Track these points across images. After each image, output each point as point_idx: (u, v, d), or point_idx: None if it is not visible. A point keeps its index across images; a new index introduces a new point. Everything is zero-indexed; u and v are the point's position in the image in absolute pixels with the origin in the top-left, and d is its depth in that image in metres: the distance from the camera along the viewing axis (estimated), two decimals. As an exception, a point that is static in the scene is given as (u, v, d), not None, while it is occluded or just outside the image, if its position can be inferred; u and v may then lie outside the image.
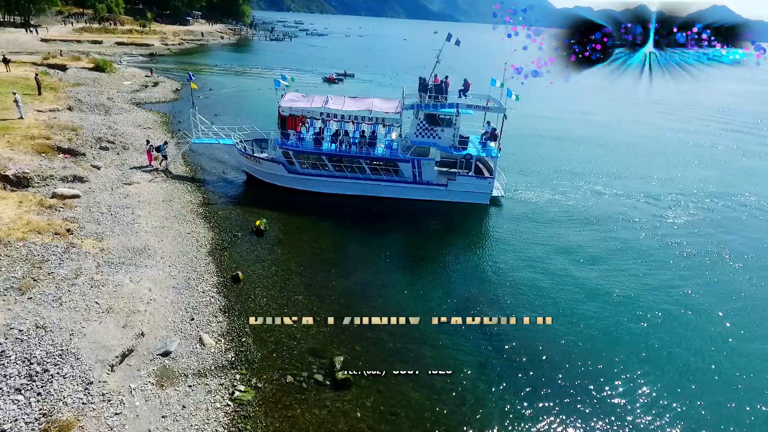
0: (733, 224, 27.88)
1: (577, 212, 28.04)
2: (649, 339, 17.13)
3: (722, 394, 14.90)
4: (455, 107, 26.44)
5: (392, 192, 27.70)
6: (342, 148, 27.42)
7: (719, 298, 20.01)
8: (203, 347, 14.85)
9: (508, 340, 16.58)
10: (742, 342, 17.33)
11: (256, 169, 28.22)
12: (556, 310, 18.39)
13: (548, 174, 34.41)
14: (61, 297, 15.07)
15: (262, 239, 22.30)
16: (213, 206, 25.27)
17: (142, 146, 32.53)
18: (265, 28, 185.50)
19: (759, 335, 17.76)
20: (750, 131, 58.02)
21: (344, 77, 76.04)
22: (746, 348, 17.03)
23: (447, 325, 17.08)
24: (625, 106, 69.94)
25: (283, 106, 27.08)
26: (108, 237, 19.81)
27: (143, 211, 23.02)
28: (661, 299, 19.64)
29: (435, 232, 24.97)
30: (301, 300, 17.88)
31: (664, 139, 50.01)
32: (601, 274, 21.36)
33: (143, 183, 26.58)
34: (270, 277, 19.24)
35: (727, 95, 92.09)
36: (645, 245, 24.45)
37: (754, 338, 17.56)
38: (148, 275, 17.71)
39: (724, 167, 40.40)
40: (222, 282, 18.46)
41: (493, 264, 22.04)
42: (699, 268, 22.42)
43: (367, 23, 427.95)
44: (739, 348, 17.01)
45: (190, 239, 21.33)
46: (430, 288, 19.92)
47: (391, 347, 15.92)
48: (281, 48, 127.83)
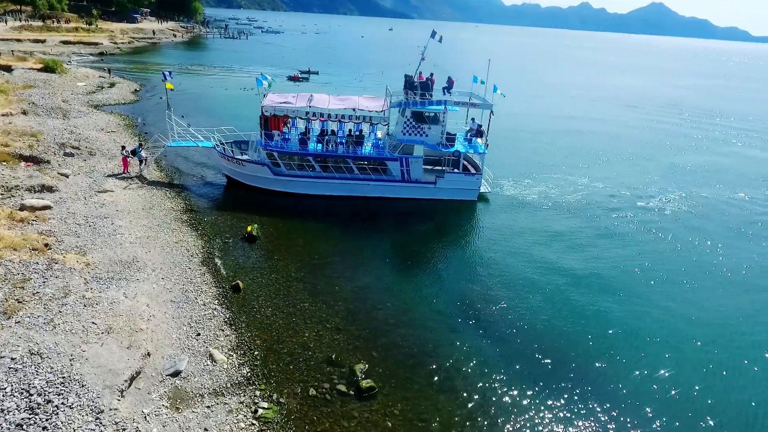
0: (708, 209, 29.19)
1: (560, 203, 28.84)
2: (643, 325, 17.56)
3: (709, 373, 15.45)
4: (443, 104, 26.30)
5: (381, 191, 27.30)
6: (329, 148, 26.76)
7: (694, 276, 21.07)
8: (215, 364, 14.00)
9: (515, 333, 16.61)
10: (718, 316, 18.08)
11: (238, 172, 27.12)
12: (555, 300, 18.74)
13: (525, 168, 34.96)
14: (53, 319, 13.82)
15: (255, 245, 21.41)
16: (197, 213, 24.08)
17: (110, 151, 30.77)
18: (218, 25, 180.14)
19: (754, 320, 18.57)
20: (704, 123, 61.21)
21: (309, 75, 74.74)
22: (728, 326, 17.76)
23: (456, 323, 17.10)
24: (587, 101, 72.33)
25: (266, 106, 26.12)
26: (91, 250, 18.43)
27: (124, 221, 21.62)
28: (648, 285, 20.42)
29: (428, 231, 24.76)
30: (307, 308, 17.22)
31: (629, 131, 51.98)
32: (596, 263, 21.88)
33: (118, 191, 25.01)
34: (271, 285, 18.46)
35: (680, 90, 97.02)
36: (628, 232, 25.25)
37: (747, 322, 18.35)
38: (142, 290, 16.57)
39: (685, 156, 42.38)
40: (222, 293, 17.54)
41: (490, 259, 22.04)
42: (679, 251, 23.32)
43: (321, 20, 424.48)
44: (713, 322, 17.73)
45: (180, 249, 20.20)
46: (433, 288, 19.68)
47: (407, 351, 15.57)
48: (238, 46, 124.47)
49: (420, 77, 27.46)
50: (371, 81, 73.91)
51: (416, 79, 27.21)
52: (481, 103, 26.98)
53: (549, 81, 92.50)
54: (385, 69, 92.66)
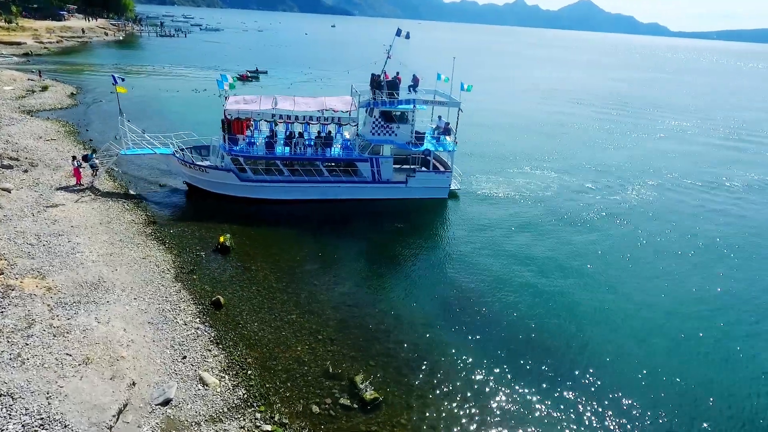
0: (669, 196, 30.86)
1: (526, 196, 29.68)
2: (619, 312, 18.31)
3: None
4: (412, 103, 26.14)
5: (352, 193, 26.83)
6: (297, 151, 25.95)
7: (661, 261, 22.12)
8: (207, 388, 13.13)
9: (500, 328, 16.85)
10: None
11: (201, 180, 25.76)
12: (533, 291, 19.30)
13: (489, 163, 35.59)
14: (20, 354, 12.48)
15: (230, 257, 20.39)
16: (161, 225, 22.63)
17: (54, 161, 28.48)
18: (152, 23, 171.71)
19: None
20: (651, 114, 64.75)
21: (257, 74, 72.55)
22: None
23: (444, 323, 17.10)
24: (538, 95, 74.69)
25: (229, 109, 24.94)
26: (50, 273, 16.87)
27: (81, 238, 19.97)
28: (617, 271, 21.45)
29: (402, 231, 24.52)
30: (295, 319, 16.56)
31: (581, 123, 54.13)
32: (566, 251, 22.62)
33: (69, 204, 23.10)
34: (253, 297, 17.61)
35: (621, 83, 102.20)
36: (595, 221, 26.22)
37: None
38: (115, 312, 15.33)
39: (638, 145, 44.70)
40: (203, 310, 16.53)
41: (466, 256, 22.17)
42: (647, 239, 24.48)
43: (260, 17, 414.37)
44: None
45: (148, 265, 18.88)
46: (415, 288, 19.54)
47: (403, 356, 15.32)
48: (177, 44, 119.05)
49: (386, 76, 27.14)
50: (326, 79, 72.85)
51: (382, 77, 26.87)
52: (449, 101, 27.02)
53: (498, 76, 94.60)
54: (339, 66, 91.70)
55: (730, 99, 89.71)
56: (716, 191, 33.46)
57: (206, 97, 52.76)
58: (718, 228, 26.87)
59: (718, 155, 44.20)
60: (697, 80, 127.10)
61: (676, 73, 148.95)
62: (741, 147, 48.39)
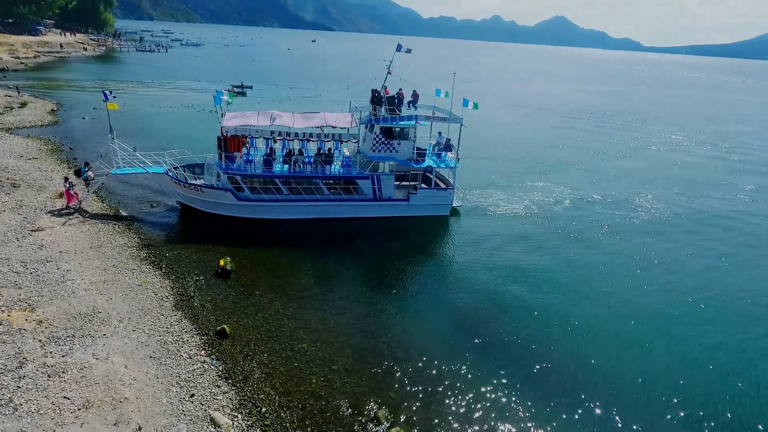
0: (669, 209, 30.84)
1: (528, 212, 29.29)
2: (632, 331, 17.85)
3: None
4: (414, 119, 25.62)
5: (353, 212, 26.05)
6: (296, 168, 25.13)
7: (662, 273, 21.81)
8: (219, 429, 12.09)
9: (520, 352, 16.16)
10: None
11: (196, 200, 24.70)
12: (554, 312, 18.67)
13: (488, 178, 35.24)
14: (12, 398, 11.32)
15: (231, 281, 19.34)
16: (156, 248, 21.48)
17: (37, 182, 27.14)
18: (132, 38, 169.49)
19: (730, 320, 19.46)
20: (641, 127, 65.66)
21: (243, 89, 71.56)
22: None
23: (462, 347, 16.42)
24: (527, 110, 75.33)
25: (226, 126, 24.05)
26: (40, 304, 15.67)
27: (71, 264, 18.75)
28: (622, 285, 21.12)
29: (406, 250, 23.76)
30: (307, 349, 15.62)
31: (574, 137, 54.49)
32: (571, 267, 22.15)
33: (57, 227, 21.83)
34: (260, 325, 16.61)
35: (604, 97, 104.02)
36: (601, 238, 25.89)
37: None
38: (113, 347, 14.21)
39: (632, 158, 45.01)
40: (207, 341, 15.48)
41: (474, 275, 21.53)
42: (652, 255, 24.20)
43: (241, 32, 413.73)
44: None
45: (146, 292, 17.75)
46: (426, 310, 18.76)
47: (425, 386, 14.47)
48: (158, 60, 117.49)
49: (386, 91, 26.63)
50: (315, 96, 72.32)
51: (383, 93, 26.34)
52: (451, 117, 26.58)
53: (487, 90, 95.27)
54: (324, 81, 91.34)
55: (710, 111, 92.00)
56: (712, 201, 33.63)
57: (196, 113, 51.71)
58: (723, 240, 26.85)
59: (709, 166, 44.73)
60: (677, 93, 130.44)
61: (656, 86, 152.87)
62: (731, 158, 49.16)
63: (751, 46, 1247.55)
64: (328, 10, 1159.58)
